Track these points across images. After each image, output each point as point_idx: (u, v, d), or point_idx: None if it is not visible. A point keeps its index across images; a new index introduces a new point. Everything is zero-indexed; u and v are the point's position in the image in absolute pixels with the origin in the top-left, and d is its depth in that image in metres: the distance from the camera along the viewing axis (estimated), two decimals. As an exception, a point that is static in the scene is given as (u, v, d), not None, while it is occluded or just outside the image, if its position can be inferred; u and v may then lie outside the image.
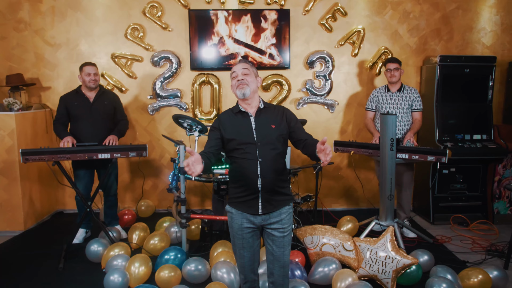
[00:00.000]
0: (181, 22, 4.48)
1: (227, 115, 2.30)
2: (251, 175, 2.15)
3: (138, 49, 4.51)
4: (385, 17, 4.58)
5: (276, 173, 2.19)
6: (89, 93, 3.72)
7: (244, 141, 2.18)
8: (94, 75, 3.66)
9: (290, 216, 2.27)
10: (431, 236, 4.03)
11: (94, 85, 3.67)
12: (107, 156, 3.40)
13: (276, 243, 2.22)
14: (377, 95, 4.10)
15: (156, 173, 4.76)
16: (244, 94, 2.20)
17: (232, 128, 2.23)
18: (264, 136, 2.18)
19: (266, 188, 2.17)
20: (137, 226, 3.81)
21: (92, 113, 3.67)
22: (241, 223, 2.22)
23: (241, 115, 2.25)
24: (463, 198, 4.47)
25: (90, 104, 3.69)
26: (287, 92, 4.59)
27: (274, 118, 2.24)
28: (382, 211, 3.73)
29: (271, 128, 2.21)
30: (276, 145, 2.19)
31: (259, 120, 2.23)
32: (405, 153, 3.51)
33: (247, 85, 2.19)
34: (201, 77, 4.53)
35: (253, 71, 2.27)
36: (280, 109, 2.32)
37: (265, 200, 2.18)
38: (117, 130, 3.77)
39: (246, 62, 2.29)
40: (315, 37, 4.58)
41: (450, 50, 4.66)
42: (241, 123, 2.23)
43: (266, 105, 2.30)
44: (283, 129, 2.23)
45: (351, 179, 4.80)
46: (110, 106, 3.80)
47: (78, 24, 4.46)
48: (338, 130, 4.76)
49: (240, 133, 2.20)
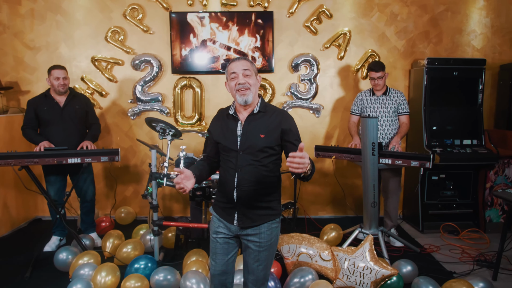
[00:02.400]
0: (163, 25, 4.39)
1: (220, 116, 2.14)
2: (228, 184, 2.02)
3: (118, 52, 4.42)
4: (372, 19, 4.47)
5: (256, 186, 2.00)
6: (59, 97, 3.60)
7: (227, 147, 2.03)
8: (63, 79, 3.55)
9: (272, 232, 2.07)
10: (418, 245, 3.86)
11: (63, 89, 3.56)
12: (78, 161, 3.28)
13: (251, 256, 2.07)
14: (362, 98, 3.97)
15: (137, 179, 4.63)
16: (246, 101, 1.99)
17: (219, 130, 2.09)
18: (249, 145, 1.99)
19: (242, 200, 2.02)
20: (112, 233, 3.67)
21: (63, 118, 3.56)
22: (217, 226, 2.09)
23: (232, 119, 2.08)
24: (454, 206, 4.31)
25: (60, 108, 3.58)
26: (271, 96, 4.47)
27: (267, 126, 2.01)
28: (366, 219, 3.58)
29: (258, 137, 1.99)
30: (259, 156, 2.00)
31: (247, 127, 2.02)
32: (387, 158, 3.36)
33: (249, 89, 1.98)
34: (183, 81, 4.42)
35: (254, 71, 2.04)
36: (279, 115, 2.03)
37: (241, 213, 2.03)
38: (91, 135, 3.65)
39: (246, 60, 2.04)
40: (300, 39, 4.47)
41: (440, 53, 4.54)
42: (228, 128, 2.07)
43: (263, 109, 2.05)
44: (273, 140, 1.99)
45: (338, 186, 4.65)
46: (82, 110, 3.68)
47: (58, 27, 4.38)
48: (324, 135, 4.62)
49: (225, 138, 2.05)
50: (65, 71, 3.59)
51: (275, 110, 2.07)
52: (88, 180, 3.75)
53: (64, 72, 3.57)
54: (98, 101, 4.48)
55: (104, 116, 4.50)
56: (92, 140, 3.60)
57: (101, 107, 4.49)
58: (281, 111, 2.09)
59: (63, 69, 3.58)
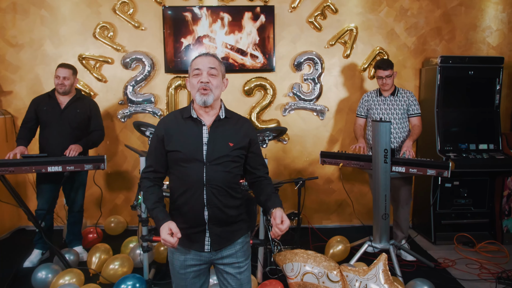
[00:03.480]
0: (155, 21, 4.08)
1: (174, 119, 1.80)
2: (194, 203, 1.70)
3: (108, 50, 4.11)
4: (380, 14, 4.16)
5: (228, 200, 1.74)
6: (62, 98, 3.34)
7: (189, 156, 1.72)
8: (64, 79, 3.27)
9: (247, 247, 1.84)
10: (431, 258, 3.57)
11: (61, 90, 3.29)
12: (59, 169, 2.97)
13: (231, 282, 1.78)
14: (368, 99, 3.67)
15: (128, 186, 4.32)
16: (205, 102, 1.72)
17: (178, 137, 1.75)
18: (217, 154, 1.72)
19: (215, 219, 1.72)
20: (99, 247, 3.36)
21: (61, 121, 3.29)
22: (184, 259, 1.77)
23: (192, 122, 1.77)
24: (468, 215, 4.01)
25: (60, 110, 3.31)
26: (272, 97, 4.16)
27: (234, 134, 1.78)
28: (376, 231, 3.28)
29: (227, 145, 1.74)
30: (230, 167, 1.74)
31: (214, 133, 1.75)
32: (401, 166, 3.06)
33: (211, 90, 1.72)
34: (177, 80, 4.11)
35: (221, 71, 1.80)
36: (245, 123, 1.85)
37: (214, 234, 1.73)
38: (85, 140, 3.34)
39: (215, 57, 1.79)
40: (303, 36, 4.16)
41: (452, 50, 4.23)
42: (190, 133, 1.76)
43: (228, 115, 1.82)
44: (242, 149, 1.79)
45: (344, 193, 4.33)
46: (83, 115, 3.40)
47: (42, 23, 4.06)
48: (328, 139, 4.31)
49: (186, 146, 1.73)
50: (70, 71, 3.32)
51: (239, 117, 1.88)
52: (79, 191, 3.48)
53: (67, 72, 3.30)
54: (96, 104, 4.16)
55: (92, 119, 4.19)
56: (84, 146, 3.29)
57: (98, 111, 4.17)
58: (245, 118, 1.90)
59: (67, 68, 3.31)
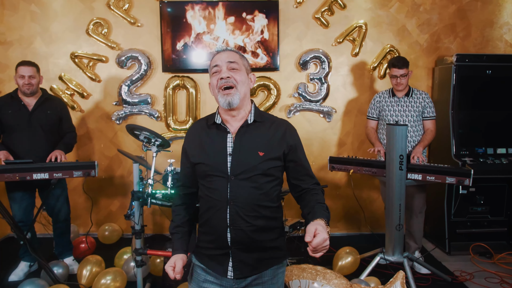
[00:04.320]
0: (152, 16, 3.84)
1: (199, 127, 1.60)
2: (217, 222, 1.48)
3: (102, 47, 3.87)
4: (391, 10, 3.92)
5: (257, 221, 1.49)
6: (27, 99, 3.07)
7: (212, 170, 1.50)
8: (30, 77, 3.00)
9: (279, 280, 1.58)
10: (447, 271, 3.33)
11: (28, 90, 3.01)
12: (45, 176, 2.74)
13: None
14: (380, 100, 3.44)
15: (123, 192, 4.08)
16: (230, 103, 1.48)
17: (200, 147, 1.55)
18: (244, 167, 1.48)
19: (238, 243, 1.49)
20: (90, 259, 3.12)
21: (31, 124, 3.02)
22: (204, 280, 1.56)
23: (216, 130, 1.55)
24: (485, 224, 3.76)
25: (28, 113, 3.04)
26: (276, 97, 3.92)
27: (267, 141, 1.51)
28: (389, 243, 3.04)
29: (257, 155, 1.48)
30: (260, 182, 1.48)
31: (241, 142, 1.51)
32: (417, 173, 2.82)
33: (235, 87, 1.48)
34: (175, 80, 3.87)
35: (244, 66, 1.55)
36: (281, 126, 1.56)
37: (237, 260, 1.50)
38: (63, 144, 3.10)
39: (235, 52, 1.56)
40: (309, 33, 3.92)
41: (467, 48, 3.99)
42: (213, 142, 1.53)
43: (259, 118, 1.55)
44: (276, 159, 1.51)
45: (352, 200, 4.09)
46: (54, 116, 3.14)
47: (32, 19, 3.83)
48: (336, 143, 4.07)
49: (209, 157, 1.51)
50: (34, 69, 3.05)
51: (274, 119, 1.59)
52: (62, 198, 3.22)
53: (32, 70, 3.02)
54: (79, 103, 3.93)
55: (85, 120, 3.96)
56: (64, 150, 3.05)
57: (82, 110, 3.95)
58: (282, 121, 1.60)
59: (31, 66, 3.03)
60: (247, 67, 1.57)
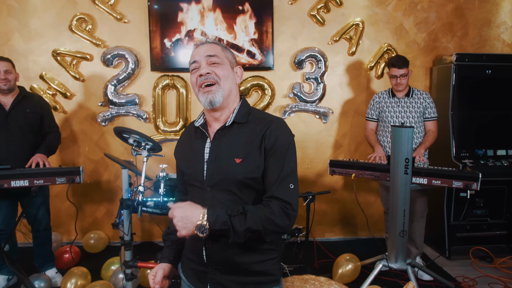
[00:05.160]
0: (140, 12, 3.63)
1: (187, 133, 1.49)
2: (194, 238, 1.28)
3: (86, 44, 3.64)
4: (388, 8, 3.81)
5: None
6: (3, 98, 2.84)
7: (190, 178, 1.37)
8: (6, 73, 2.78)
9: None
10: (449, 277, 3.22)
11: (5, 86, 2.79)
12: (25, 184, 2.51)
13: None
14: (380, 101, 3.32)
15: (110, 197, 3.86)
16: (212, 102, 1.31)
17: (185, 153, 1.43)
18: (219, 176, 1.30)
19: (216, 263, 1.32)
20: (74, 272, 2.90)
21: (8, 125, 2.79)
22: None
23: (200, 134, 1.40)
24: (485, 227, 3.69)
25: (5, 113, 2.81)
26: (270, 98, 3.76)
27: (245, 144, 1.31)
28: (392, 249, 2.91)
29: (233, 162, 1.29)
30: (238, 194, 1.30)
31: (217, 147, 1.33)
32: (422, 177, 2.70)
33: (216, 84, 1.30)
34: (165, 79, 3.67)
35: (226, 57, 1.37)
36: (267, 126, 1.32)
37: (216, 282, 1.33)
38: (45, 147, 2.87)
39: (215, 43, 1.38)
40: (305, 31, 3.77)
41: (465, 48, 3.91)
42: (194, 148, 1.39)
43: (241, 118, 1.34)
44: (255, 166, 1.29)
45: (348, 203, 3.98)
46: (34, 116, 2.91)
47: (10, 14, 3.57)
48: (332, 145, 3.93)
49: (188, 164, 1.39)
50: (9, 64, 2.84)
51: (262, 118, 1.36)
52: (43, 207, 2.99)
53: (7, 65, 2.81)
54: (62, 103, 3.70)
55: (69, 122, 3.72)
56: (46, 154, 2.82)
57: (65, 111, 3.71)
58: (271, 119, 1.37)
59: (6, 61, 2.82)
60: (231, 60, 1.39)
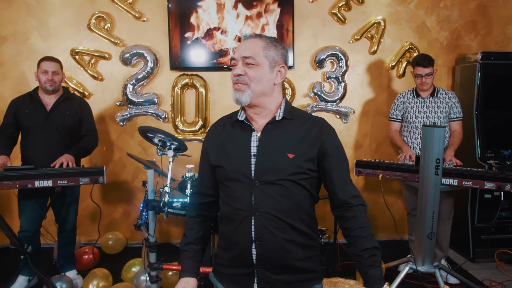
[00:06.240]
0: (159, 10, 3.60)
1: (221, 125, 1.41)
2: (239, 236, 1.27)
3: (104, 43, 3.61)
4: (410, 6, 3.74)
5: (286, 235, 1.28)
6: (47, 98, 2.84)
7: (233, 173, 1.29)
8: (53, 74, 2.79)
9: None
10: (476, 280, 3.15)
11: (50, 87, 2.80)
12: (49, 184, 2.48)
13: None
14: (404, 101, 3.25)
15: (128, 198, 3.82)
16: (238, 101, 1.29)
17: (223, 147, 1.35)
18: (270, 170, 1.27)
19: (267, 261, 1.28)
20: (96, 273, 2.87)
21: (47, 126, 2.79)
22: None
23: (240, 128, 1.35)
24: (510, 229, 3.60)
25: (46, 113, 2.81)
26: (291, 97, 3.71)
27: (298, 140, 1.30)
28: (419, 252, 2.84)
29: (285, 157, 1.28)
30: (290, 189, 1.27)
31: (266, 141, 1.30)
32: (453, 178, 2.63)
33: (246, 85, 1.28)
34: (184, 78, 3.63)
35: (266, 57, 1.30)
36: (315, 125, 1.35)
37: (264, 281, 1.29)
38: (75, 149, 2.84)
39: (257, 38, 1.33)
40: (325, 30, 3.71)
41: (488, 46, 3.83)
42: (235, 142, 1.34)
43: (289, 115, 1.34)
44: (310, 161, 1.29)
45: (370, 204, 3.89)
46: (73, 118, 2.91)
47: (28, 13, 3.55)
48: (353, 145, 3.87)
49: (230, 159, 1.32)
50: (58, 65, 2.86)
51: (308, 117, 1.37)
52: (71, 207, 2.97)
53: (56, 66, 2.83)
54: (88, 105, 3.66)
55: (86, 122, 3.69)
56: (75, 155, 2.79)
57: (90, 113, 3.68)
58: (318, 118, 1.38)
59: (55, 62, 2.84)
60: (274, 58, 1.32)
